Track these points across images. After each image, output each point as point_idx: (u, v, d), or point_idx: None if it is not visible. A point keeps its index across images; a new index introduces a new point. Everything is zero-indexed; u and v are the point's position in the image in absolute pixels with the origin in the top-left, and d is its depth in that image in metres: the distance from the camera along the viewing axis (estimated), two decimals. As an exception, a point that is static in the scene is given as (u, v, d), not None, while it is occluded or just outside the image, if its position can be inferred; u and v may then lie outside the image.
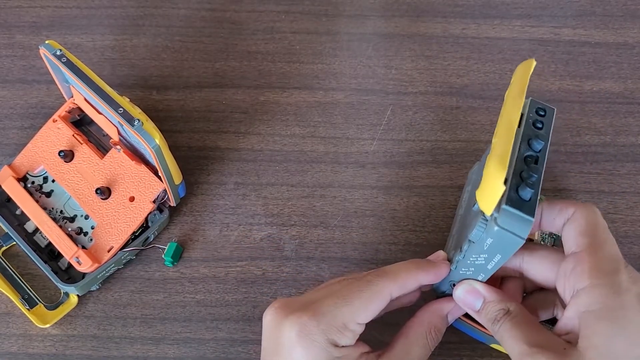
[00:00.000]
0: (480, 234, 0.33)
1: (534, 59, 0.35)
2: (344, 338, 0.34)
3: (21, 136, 0.52)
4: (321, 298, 0.35)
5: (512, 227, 0.31)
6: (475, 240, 0.33)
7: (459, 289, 0.37)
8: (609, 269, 0.32)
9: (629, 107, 0.54)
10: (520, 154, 0.33)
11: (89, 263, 0.44)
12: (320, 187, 0.50)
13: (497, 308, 0.35)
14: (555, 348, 0.31)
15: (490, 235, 0.32)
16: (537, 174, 0.32)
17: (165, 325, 0.45)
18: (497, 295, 0.35)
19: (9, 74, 0.55)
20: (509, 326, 0.34)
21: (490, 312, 0.35)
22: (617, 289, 0.31)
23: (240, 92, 0.55)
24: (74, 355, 0.44)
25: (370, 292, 0.35)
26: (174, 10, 0.59)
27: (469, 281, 0.36)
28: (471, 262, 0.35)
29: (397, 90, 0.55)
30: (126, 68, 0.56)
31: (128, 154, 0.46)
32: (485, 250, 0.33)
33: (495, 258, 0.34)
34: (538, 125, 0.34)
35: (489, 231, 0.32)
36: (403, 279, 0.36)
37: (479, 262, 0.35)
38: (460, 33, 0.58)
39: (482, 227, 0.33)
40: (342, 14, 0.59)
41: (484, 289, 0.36)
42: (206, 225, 0.49)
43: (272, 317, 0.35)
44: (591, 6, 0.60)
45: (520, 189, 0.31)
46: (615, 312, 0.31)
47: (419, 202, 0.50)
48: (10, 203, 0.48)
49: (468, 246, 0.34)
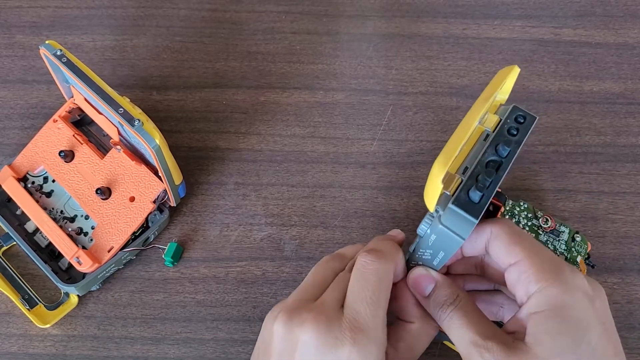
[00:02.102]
0: (425, 229, 0.33)
1: (517, 66, 0.35)
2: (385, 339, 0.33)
3: (21, 136, 0.52)
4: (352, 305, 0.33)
5: (455, 227, 0.31)
6: (422, 235, 0.34)
7: (413, 272, 0.36)
8: (553, 269, 0.32)
9: (629, 107, 0.54)
10: (483, 158, 0.33)
11: (89, 263, 0.44)
12: (321, 187, 0.50)
13: (447, 292, 0.34)
14: (504, 340, 0.31)
15: (434, 232, 0.33)
16: (492, 178, 0.32)
17: (166, 325, 0.45)
18: (448, 282, 0.35)
19: (9, 74, 0.55)
20: (459, 314, 0.33)
21: (440, 296, 0.35)
22: (564, 288, 0.31)
23: (241, 92, 0.55)
24: (74, 356, 0.44)
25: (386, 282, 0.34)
26: (174, 10, 0.59)
27: (423, 266, 0.36)
28: (419, 256, 0.36)
29: (398, 91, 0.55)
30: (126, 68, 0.56)
31: (128, 154, 0.46)
32: (429, 246, 0.34)
33: (439, 255, 0.34)
34: (512, 131, 0.34)
35: (433, 228, 0.33)
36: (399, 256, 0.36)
37: (425, 257, 0.35)
38: (460, 33, 0.58)
39: (427, 222, 0.33)
40: (342, 14, 0.59)
41: (436, 274, 0.36)
42: (206, 226, 0.49)
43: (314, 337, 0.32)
44: (591, 7, 0.60)
45: (472, 190, 0.31)
46: (562, 310, 0.31)
47: (419, 202, 0.50)
48: (11, 203, 0.48)
49: (418, 240, 0.35)
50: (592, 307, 0.31)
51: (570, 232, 0.45)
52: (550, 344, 0.30)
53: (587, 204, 0.50)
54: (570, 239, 0.45)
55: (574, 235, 0.45)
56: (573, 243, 0.45)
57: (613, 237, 0.48)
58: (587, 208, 0.50)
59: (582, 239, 0.45)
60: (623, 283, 0.47)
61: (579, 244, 0.45)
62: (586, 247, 0.45)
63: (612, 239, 0.48)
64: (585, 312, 0.31)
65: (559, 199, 0.50)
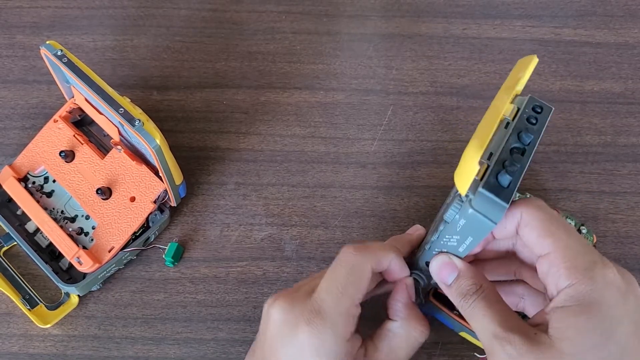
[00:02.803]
0: (454, 215, 0.33)
1: (535, 56, 0.35)
2: (350, 328, 0.35)
3: (22, 136, 0.52)
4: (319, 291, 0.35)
5: (486, 211, 0.31)
6: (450, 221, 0.34)
7: (436, 259, 0.36)
8: (584, 265, 0.31)
9: (630, 107, 0.54)
10: (507, 144, 0.33)
11: (89, 263, 0.44)
12: (321, 187, 0.50)
13: (470, 282, 0.34)
14: (526, 332, 0.31)
15: (464, 217, 0.32)
16: (520, 164, 0.32)
17: (166, 325, 0.45)
18: (472, 269, 0.35)
19: (9, 74, 0.55)
20: (482, 304, 0.33)
21: (463, 286, 0.34)
22: (595, 285, 0.31)
23: (241, 93, 0.55)
24: (74, 356, 0.44)
25: (359, 273, 0.35)
26: (174, 10, 0.59)
27: (447, 254, 0.36)
28: (444, 242, 0.35)
29: (398, 91, 0.55)
30: (127, 68, 0.56)
31: (129, 154, 0.46)
32: (457, 231, 0.34)
33: (467, 240, 0.34)
34: (532, 120, 0.34)
35: (463, 212, 0.32)
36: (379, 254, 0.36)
37: (451, 244, 0.35)
38: (461, 33, 0.58)
39: (457, 207, 0.33)
40: (342, 14, 0.59)
41: (459, 262, 0.35)
42: (207, 226, 0.49)
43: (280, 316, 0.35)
44: (592, 6, 0.60)
45: (500, 175, 0.32)
46: (591, 307, 0.30)
47: (420, 202, 0.50)
48: (11, 203, 0.48)
49: (443, 227, 0.35)
50: (623, 304, 0.31)
51: (576, 224, 0.45)
52: (577, 340, 0.30)
53: (588, 204, 0.50)
54: (576, 230, 0.45)
55: (579, 227, 0.45)
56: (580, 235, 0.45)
57: (614, 237, 0.48)
58: (587, 208, 0.50)
59: (588, 231, 0.45)
60: (624, 283, 0.47)
61: (585, 236, 0.45)
62: (592, 239, 0.45)
63: (613, 238, 0.48)
64: (615, 309, 0.30)
65: (560, 199, 0.50)
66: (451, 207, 0.33)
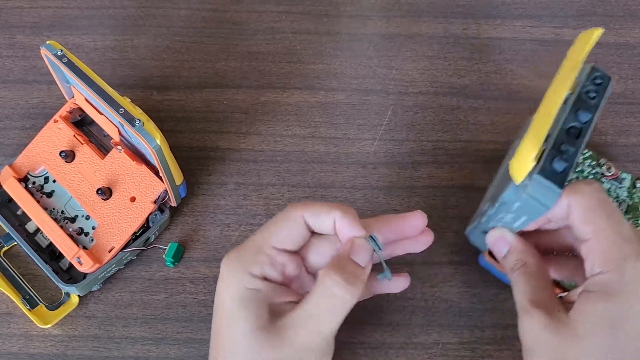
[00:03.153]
0: (510, 197, 0.35)
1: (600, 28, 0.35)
2: (257, 265, 0.36)
3: (22, 136, 0.52)
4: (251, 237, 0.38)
5: (540, 196, 0.33)
6: (506, 201, 0.35)
7: (491, 233, 0.39)
8: (618, 256, 0.33)
9: (630, 107, 0.54)
10: (564, 124, 0.34)
11: (90, 263, 0.44)
12: (322, 187, 0.50)
13: (516, 258, 0.37)
14: (550, 308, 0.34)
15: (519, 200, 0.34)
16: (575, 147, 0.33)
17: (166, 325, 0.45)
18: (521, 246, 0.38)
19: (9, 74, 0.55)
20: (521, 279, 0.36)
21: (510, 261, 0.37)
22: (622, 277, 0.32)
23: (241, 93, 0.55)
24: (75, 356, 0.44)
25: (284, 217, 0.37)
26: (174, 10, 0.59)
27: (502, 229, 0.38)
28: (500, 218, 0.37)
29: (398, 91, 0.55)
30: (127, 68, 0.56)
31: (129, 154, 0.46)
32: (513, 211, 0.36)
33: (521, 219, 0.36)
34: (591, 94, 0.35)
35: (518, 196, 0.34)
36: (316, 206, 0.37)
37: (506, 220, 0.37)
38: (461, 33, 0.58)
39: (513, 191, 0.35)
40: (342, 14, 0.59)
41: (512, 238, 0.38)
42: (207, 226, 0.49)
43: None
44: (592, 6, 0.60)
45: (556, 160, 0.33)
46: (613, 296, 0.32)
47: (420, 202, 0.50)
48: (12, 203, 0.48)
49: (499, 204, 0.36)
50: None
51: (632, 178, 0.46)
52: (590, 324, 0.32)
53: (588, 204, 0.50)
54: (632, 185, 0.46)
55: (634, 181, 0.46)
56: (634, 189, 0.46)
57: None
58: (588, 208, 0.50)
59: None
60: (624, 283, 0.47)
61: None
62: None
63: (613, 238, 0.48)
64: (635, 303, 0.32)
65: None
66: (507, 190, 0.35)
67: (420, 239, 0.40)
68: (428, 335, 0.45)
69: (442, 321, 0.45)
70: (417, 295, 0.46)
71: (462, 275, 0.47)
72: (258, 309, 0.35)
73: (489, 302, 0.46)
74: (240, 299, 0.35)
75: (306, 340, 0.35)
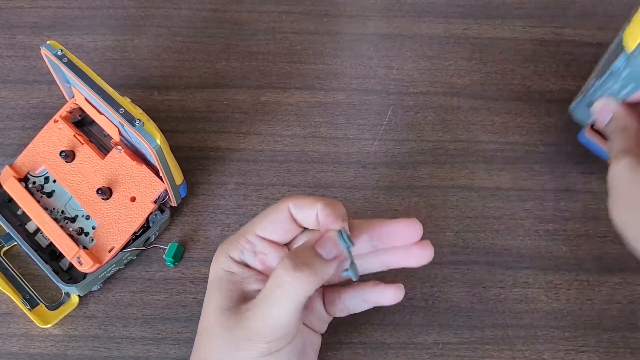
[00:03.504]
0: (620, 65, 0.40)
1: None
2: (237, 250, 0.38)
3: (22, 136, 0.52)
4: None
5: None
6: (615, 70, 0.41)
7: (598, 102, 0.44)
8: None
9: (631, 107, 0.54)
10: None
11: (90, 263, 0.44)
12: (322, 187, 0.50)
13: (618, 123, 0.42)
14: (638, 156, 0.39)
15: (629, 66, 0.40)
16: None
17: (167, 325, 0.45)
18: (622, 113, 0.42)
19: (10, 74, 0.55)
20: (619, 135, 0.41)
21: (611, 127, 0.42)
22: None
23: (241, 93, 0.55)
24: (75, 356, 0.44)
25: (271, 208, 0.38)
26: (175, 10, 0.59)
27: (607, 98, 0.43)
28: (607, 87, 0.42)
29: (399, 91, 0.55)
30: (127, 68, 0.56)
31: (129, 154, 0.46)
32: (621, 79, 0.41)
33: (629, 87, 0.41)
34: None
35: (628, 62, 0.40)
36: (302, 198, 0.37)
37: (613, 89, 0.42)
38: (461, 33, 0.58)
39: (623, 59, 0.40)
40: (343, 14, 0.59)
41: (615, 105, 0.43)
42: (207, 226, 0.49)
43: None
44: (593, 7, 0.60)
45: None
46: None
47: (420, 202, 0.50)
48: (12, 203, 0.48)
49: (608, 74, 0.42)
50: None
51: None
52: None
53: (589, 204, 0.50)
54: None
55: None
56: None
57: (614, 237, 0.48)
58: (588, 208, 0.50)
59: None
60: (625, 283, 0.47)
61: None
62: None
63: (614, 238, 0.48)
64: None
65: (561, 199, 0.50)
66: (618, 59, 0.40)
67: (414, 250, 0.38)
68: (428, 335, 0.45)
69: (442, 321, 0.45)
70: (417, 295, 0.46)
71: (462, 275, 0.47)
72: (229, 291, 0.37)
73: (489, 302, 0.46)
74: (217, 279, 0.38)
75: (258, 326, 0.34)
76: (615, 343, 0.45)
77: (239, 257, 0.38)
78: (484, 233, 0.49)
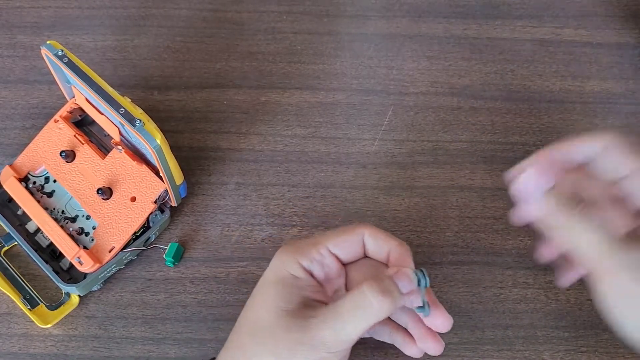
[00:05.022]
0: None
1: None
2: (308, 258, 0.38)
3: (23, 136, 0.52)
4: None
5: None
6: None
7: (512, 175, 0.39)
8: None
9: (631, 107, 0.54)
10: None
11: (90, 263, 0.44)
12: (322, 187, 0.50)
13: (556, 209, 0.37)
14: None
15: None
16: None
17: (167, 325, 0.45)
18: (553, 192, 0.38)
19: (10, 74, 0.55)
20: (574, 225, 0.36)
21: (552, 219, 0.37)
22: None
23: (242, 93, 0.55)
24: (75, 356, 0.44)
25: (348, 229, 0.40)
26: (175, 10, 0.59)
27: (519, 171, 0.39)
28: None
29: (399, 91, 0.55)
30: (127, 68, 0.56)
31: (129, 154, 0.46)
32: None
33: None
34: None
35: None
36: (379, 232, 0.39)
37: None
38: (461, 33, 0.58)
39: None
40: (343, 14, 0.59)
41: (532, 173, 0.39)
42: (207, 226, 0.49)
43: None
44: (593, 7, 0.60)
45: None
46: None
47: (420, 202, 0.50)
48: (12, 203, 0.48)
49: None
50: None
51: None
52: None
53: (589, 204, 0.50)
54: None
55: None
56: None
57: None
58: (588, 208, 0.50)
59: None
60: (624, 283, 0.47)
61: None
62: None
63: (614, 239, 0.48)
64: None
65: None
66: None
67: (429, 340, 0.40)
68: (428, 336, 0.45)
69: (442, 321, 0.45)
70: (417, 295, 0.46)
71: (462, 275, 0.47)
72: (290, 294, 0.37)
73: (489, 302, 0.46)
74: (280, 280, 0.38)
75: (326, 337, 0.35)
76: (614, 343, 0.45)
77: (307, 265, 0.38)
78: (484, 233, 0.49)
